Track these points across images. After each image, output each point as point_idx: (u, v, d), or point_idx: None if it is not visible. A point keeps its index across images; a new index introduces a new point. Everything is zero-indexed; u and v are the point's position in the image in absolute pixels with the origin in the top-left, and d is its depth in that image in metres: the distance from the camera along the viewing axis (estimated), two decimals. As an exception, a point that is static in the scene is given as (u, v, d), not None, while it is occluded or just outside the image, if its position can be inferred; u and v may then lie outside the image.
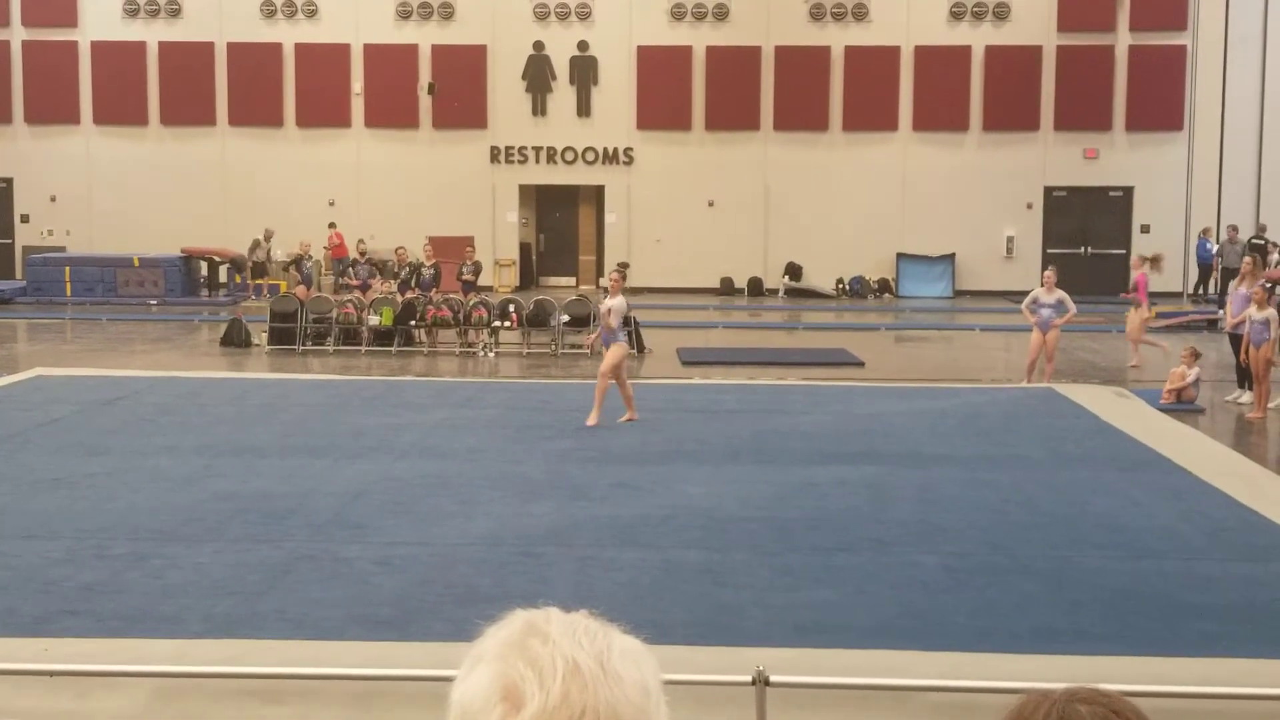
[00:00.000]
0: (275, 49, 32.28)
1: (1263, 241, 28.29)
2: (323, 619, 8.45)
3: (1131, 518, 11.16)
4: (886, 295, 32.06)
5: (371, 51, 32.21)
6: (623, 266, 16.19)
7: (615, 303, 15.15)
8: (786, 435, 14.50)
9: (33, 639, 7.97)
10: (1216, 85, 31.48)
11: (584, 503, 11.51)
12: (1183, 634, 8.34)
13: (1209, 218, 31.17)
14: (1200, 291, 30.73)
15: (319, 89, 32.14)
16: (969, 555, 10.04)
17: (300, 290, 24.73)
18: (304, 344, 22.24)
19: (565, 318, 22.41)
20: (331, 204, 31.91)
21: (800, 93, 31.93)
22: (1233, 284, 18.59)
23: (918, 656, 7.77)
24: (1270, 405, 16.84)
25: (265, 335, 22.35)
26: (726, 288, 32.18)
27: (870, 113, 31.95)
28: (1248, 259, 18.58)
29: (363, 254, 26.50)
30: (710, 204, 32.30)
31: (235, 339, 22.32)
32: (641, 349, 21.94)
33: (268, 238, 29.92)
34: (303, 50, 32.26)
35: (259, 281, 29.57)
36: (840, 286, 32.21)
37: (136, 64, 32.38)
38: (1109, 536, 10.58)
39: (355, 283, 25.43)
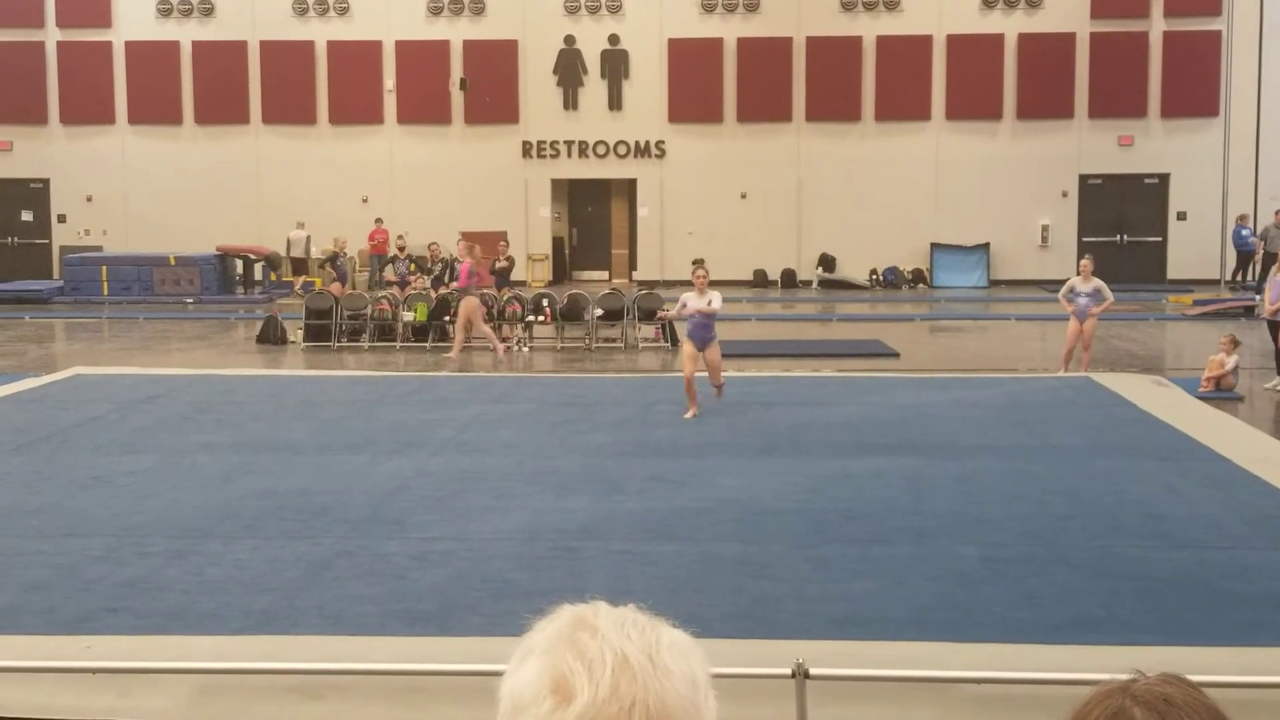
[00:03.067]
0: (308, 47, 32.41)
1: None
2: (361, 615, 8.48)
3: (1171, 507, 11.08)
4: (921, 286, 31.94)
5: (403, 48, 32.30)
6: (699, 262, 15.89)
7: (712, 295, 14.90)
8: (822, 427, 14.47)
9: (74, 637, 8.03)
10: (1252, 71, 31.22)
11: (620, 496, 11.51)
12: (1224, 623, 8.28)
13: (1245, 204, 30.94)
14: (1238, 278, 30.49)
15: (351, 86, 32.25)
16: (1007, 546, 9.99)
17: (335, 287, 24.82)
18: (339, 340, 22.33)
19: (599, 311, 22.42)
20: (365, 201, 32.03)
21: (832, 83, 31.84)
22: (1273, 269, 18.42)
23: (956, 648, 7.74)
24: (1310, 392, 16.70)
25: (300, 332, 22.45)
26: (760, 280, 32.13)
27: (903, 102, 31.83)
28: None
29: (401, 250, 26.56)
30: (743, 196, 32.25)
31: (271, 336, 22.43)
32: (675, 342, 21.92)
33: (299, 227, 29.99)
34: (335, 48, 32.38)
35: (299, 278, 29.65)
36: (874, 277, 32.12)
37: (170, 64, 32.57)
38: (1149, 526, 10.51)
39: (395, 279, 25.51)
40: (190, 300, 28.85)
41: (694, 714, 1.35)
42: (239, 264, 30.72)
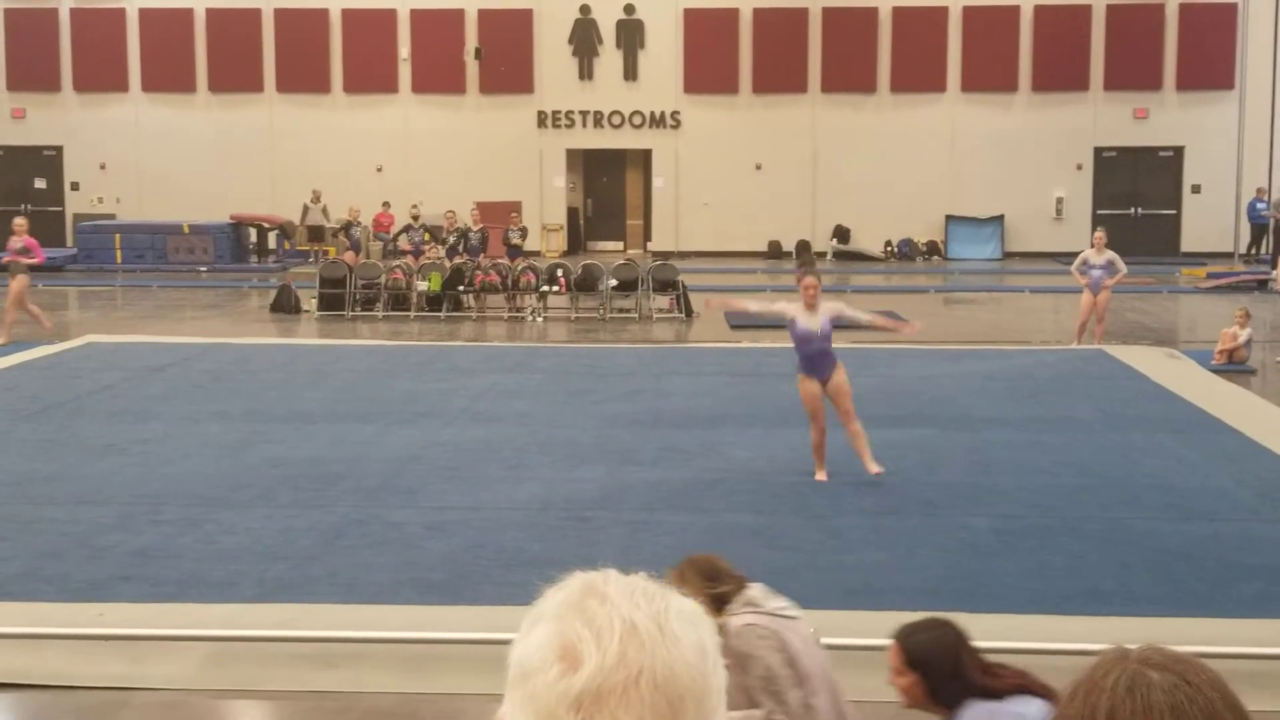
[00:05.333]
0: (322, 15, 32.33)
1: None
2: (374, 583, 8.52)
3: (1183, 479, 11.08)
4: (935, 257, 31.85)
5: (418, 17, 32.21)
6: (806, 264, 10.90)
7: (827, 310, 11.09)
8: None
9: (87, 604, 8.08)
10: (1268, 43, 31.00)
11: (633, 467, 11.54)
12: (1235, 595, 8.29)
13: (1260, 177, 30.77)
14: (1253, 252, 30.36)
15: (366, 55, 32.18)
16: (1019, 517, 10.00)
17: (349, 256, 24.82)
18: (353, 310, 22.35)
19: (613, 282, 22.40)
20: (379, 170, 31.99)
21: (848, 54, 31.70)
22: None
23: (968, 618, 7.68)
24: (1325, 366, 16.65)
25: (314, 301, 22.48)
26: (774, 251, 32.07)
27: (918, 74, 31.68)
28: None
29: (415, 219, 26.55)
30: (758, 167, 32.17)
31: (285, 305, 22.46)
32: (690, 313, 21.92)
33: (315, 199, 29.99)
34: (349, 16, 32.30)
35: (314, 246, 29.61)
36: (889, 249, 32.04)
37: (184, 31, 32.52)
38: (1160, 498, 10.51)
39: (409, 248, 25.51)
40: (204, 269, 28.88)
41: (702, 682, 1.36)
42: (253, 232, 30.73)
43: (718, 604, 4.82)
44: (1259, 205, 29.99)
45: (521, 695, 1.35)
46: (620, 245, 33.21)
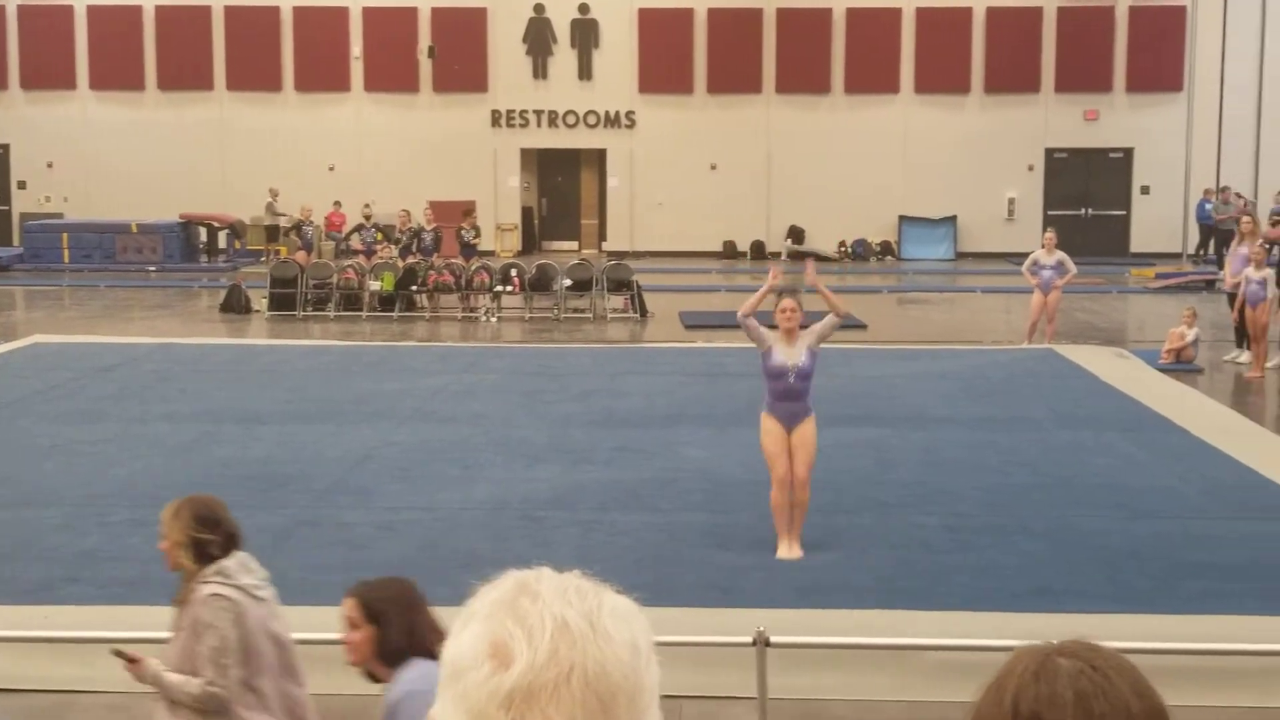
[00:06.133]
0: (273, 12, 32.14)
1: None
2: (323, 584, 8.45)
3: (1131, 477, 11.18)
4: (889, 257, 32.01)
5: (370, 14, 32.07)
6: (789, 295, 9.39)
7: (806, 340, 9.15)
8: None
9: (34, 606, 8.00)
10: (1216, 46, 31.33)
11: (587, 467, 11.53)
12: (1181, 592, 8.37)
13: (1208, 178, 31.08)
14: (1200, 252, 30.66)
15: (318, 53, 32.01)
16: (970, 516, 10.07)
17: (301, 255, 24.69)
18: (305, 310, 22.22)
19: (568, 282, 22.38)
20: (332, 169, 31.83)
21: (802, 55, 31.80)
22: (1232, 243, 18.55)
23: (918, 616, 7.80)
24: (1268, 364, 16.84)
25: (265, 301, 22.33)
26: (729, 251, 32.13)
27: (872, 75, 31.82)
28: (1246, 219, 18.54)
29: (368, 218, 26.42)
30: (713, 167, 32.22)
31: (235, 305, 22.30)
32: (644, 313, 21.93)
33: (274, 196, 29.76)
34: (300, 13, 32.12)
35: (270, 246, 29.34)
36: (843, 249, 32.16)
37: (133, 28, 32.25)
38: (1109, 496, 10.60)
39: (361, 248, 25.40)
40: (153, 268, 28.64)
41: (634, 679, 1.36)
42: (203, 232, 30.50)
43: (198, 550, 4.80)
44: (1207, 206, 30.28)
45: (453, 694, 1.35)
46: (575, 245, 33.18)
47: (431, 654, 4.27)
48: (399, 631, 4.32)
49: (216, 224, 30.55)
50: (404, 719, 4.22)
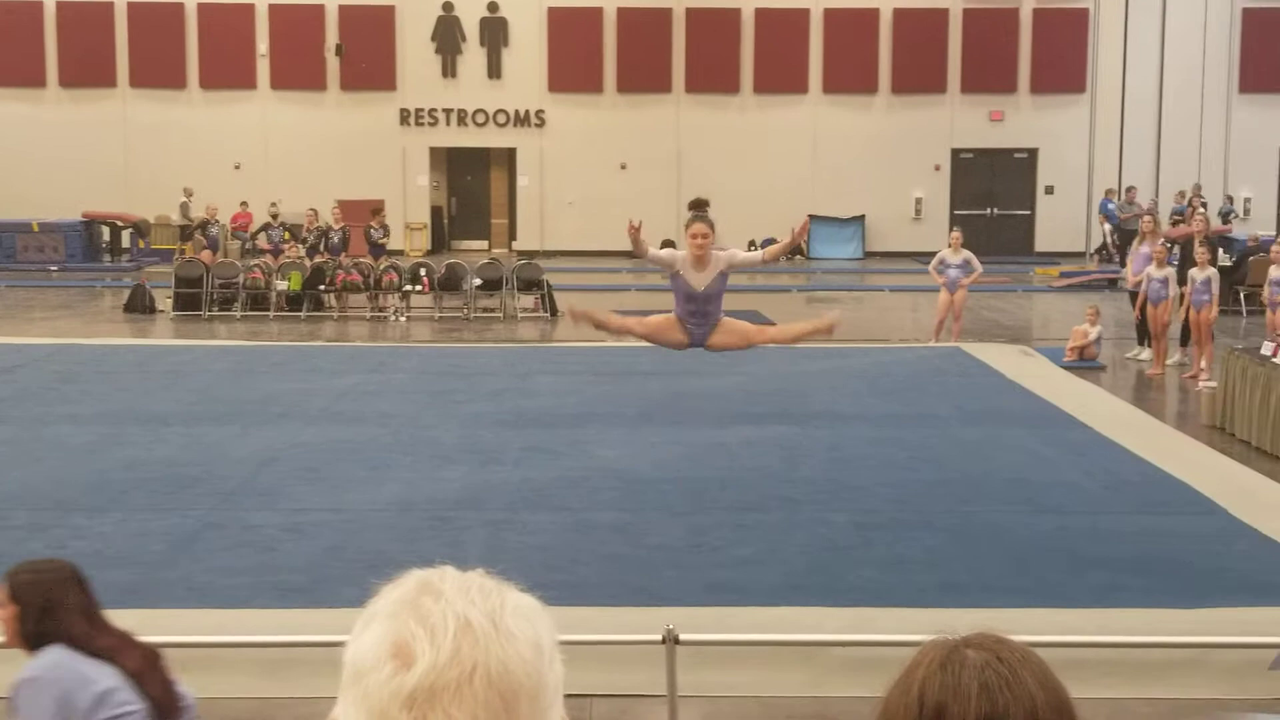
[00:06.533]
0: (177, 9, 31.67)
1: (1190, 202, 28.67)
2: (229, 587, 8.37)
3: (1035, 473, 11.35)
4: (798, 257, 32.18)
5: (276, 11, 31.71)
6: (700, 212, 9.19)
7: (720, 259, 9.03)
8: (699, 396, 14.55)
9: (-68, 612, 7.81)
10: (1118, 48, 31.90)
11: (497, 466, 11.49)
12: (1083, 585, 8.51)
13: (1111, 178, 31.63)
14: (1103, 251, 31.20)
15: (222, 50, 31.59)
16: (877, 512, 10.16)
17: (206, 255, 24.35)
18: (210, 310, 21.93)
19: (478, 281, 22.29)
20: (237, 168, 31.44)
21: (711, 55, 31.91)
22: (1134, 242, 18.90)
23: (826, 612, 7.86)
24: (1169, 362, 17.18)
25: (170, 301, 22.01)
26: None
27: (781, 75, 32.01)
28: (1146, 218, 18.90)
29: (275, 217, 26.12)
30: (623, 166, 32.24)
31: (139, 305, 21.95)
32: (554, 312, 21.90)
33: (189, 196, 29.28)
34: (205, 10, 31.69)
35: (182, 245, 28.74)
36: (752, 248, 32.24)
37: (33, 24, 31.62)
38: (1013, 491, 10.75)
39: (268, 247, 25.11)
40: (54, 268, 28.11)
41: (537, 678, 1.35)
42: (106, 231, 29.98)
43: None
44: (1109, 206, 30.81)
45: (355, 695, 1.34)
46: (485, 244, 33.05)
47: (73, 641, 4.26)
48: (36, 613, 4.28)
49: (120, 223, 30.05)
50: (19, 704, 4.22)
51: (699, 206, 9.27)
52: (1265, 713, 7.19)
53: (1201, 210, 23.85)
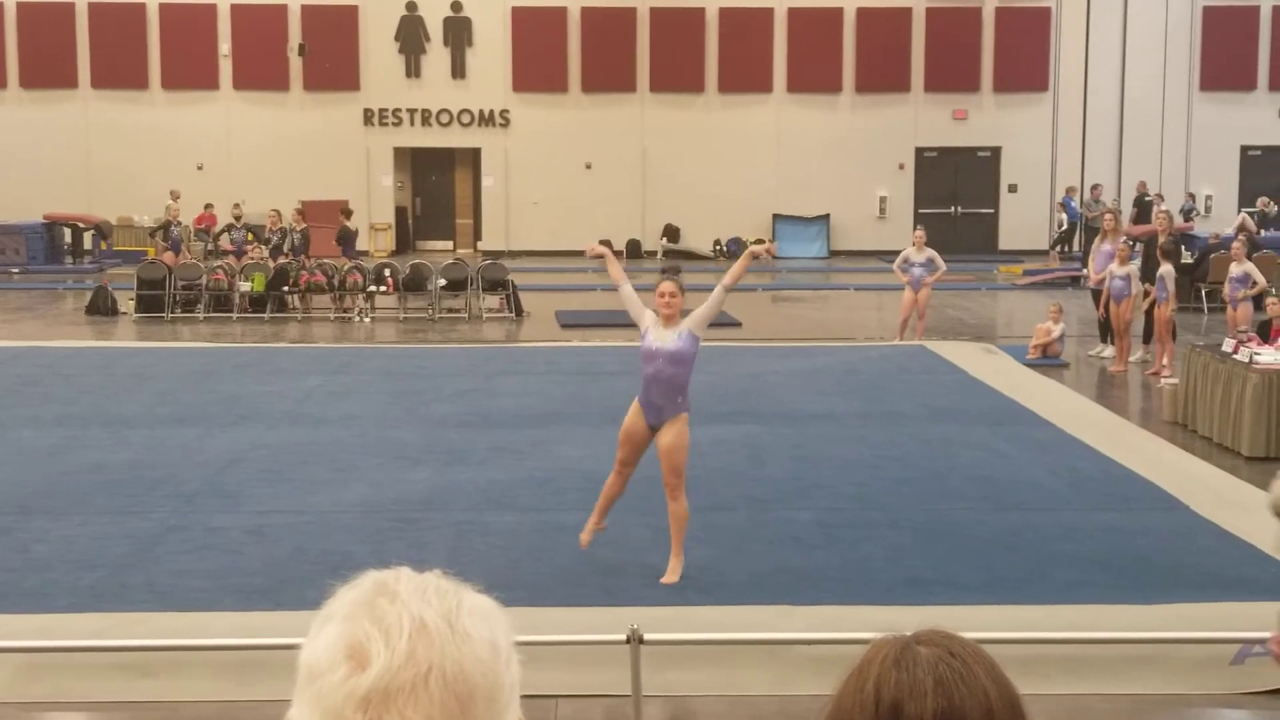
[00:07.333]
0: (138, 9, 31.48)
1: (1150, 198, 28.86)
2: (193, 590, 8.33)
3: (999, 470, 11.40)
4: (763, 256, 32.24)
5: (239, 11, 31.56)
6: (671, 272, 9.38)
7: (683, 327, 8.50)
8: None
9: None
10: (1080, 47, 32.09)
11: (462, 467, 11.47)
12: (1048, 582, 8.56)
13: (1073, 176, 31.82)
14: (1065, 249, 31.37)
15: (185, 51, 31.41)
16: (843, 510, 10.19)
17: (168, 256, 24.22)
18: (173, 312, 21.80)
19: (442, 282, 22.24)
20: (200, 169, 31.26)
21: (676, 55, 31.94)
22: (1096, 240, 19.01)
23: (791, 610, 7.88)
24: (1131, 359, 17.29)
25: (132, 303, 21.87)
26: (604, 250, 32.13)
27: (745, 75, 32.07)
28: (1108, 216, 19.01)
29: (238, 218, 25.98)
30: (588, 166, 32.22)
31: (101, 307, 21.81)
32: (520, 313, 21.87)
33: (175, 199, 29.01)
34: (167, 10, 31.50)
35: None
36: (718, 248, 32.36)
37: (-7, 25, 31.37)
38: (978, 489, 10.80)
39: (231, 248, 24.98)
40: (15, 270, 27.88)
41: (493, 679, 1.35)
42: (68, 233, 29.76)
43: None
44: (1071, 203, 30.99)
45: (309, 697, 1.34)
46: (450, 245, 32.98)
47: None
48: None
49: (82, 224, 29.83)
50: None
51: (671, 270, 9.00)
52: (1226, 708, 7.25)
53: (1164, 209, 24.01)
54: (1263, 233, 26.10)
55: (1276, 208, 29.09)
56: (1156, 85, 32.12)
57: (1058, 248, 30.84)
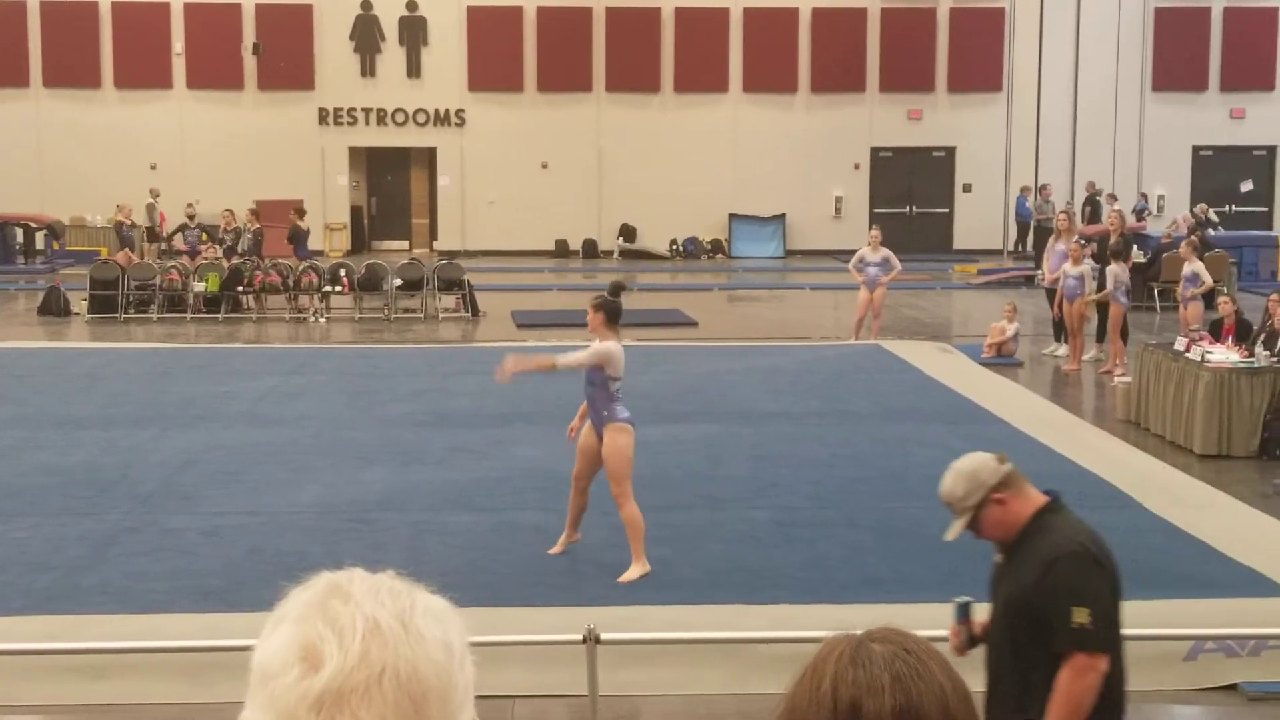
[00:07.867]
0: (91, 8, 31.21)
1: (1100, 197, 29.08)
2: (148, 592, 8.28)
3: (955, 469, 11.45)
4: (719, 256, 32.33)
5: (192, 10, 31.33)
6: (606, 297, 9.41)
7: (603, 346, 9.03)
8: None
9: None
10: (1033, 47, 32.29)
11: (418, 467, 11.44)
12: (1002, 580, 8.60)
13: (1027, 176, 32.03)
14: (1019, 248, 31.59)
15: (138, 49, 31.17)
16: (799, 509, 10.23)
17: (121, 256, 24.03)
18: (126, 312, 21.63)
19: (398, 282, 22.17)
20: (153, 168, 31.02)
21: (632, 54, 31.94)
22: (1050, 239, 19.15)
23: (748, 610, 7.90)
24: (1085, 357, 17.43)
25: (85, 303, 21.69)
26: (561, 250, 32.14)
27: (701, 74, 32.11)
28: (1062, 216, 19.15)
29: (191, 218, 25.80)
30: (544, 166, 32.18)
31: (53, 308, 21.61)
32: (476, 312, 21.83)
33: (155, 197, 28.75)
34: (119, 9, 31.24)
35: (151, 246, 28.13)
36: (674, 248, 32.40)
37: (-58, 22, 31.03)
38: (933, 487, 10.73)
39: (184, 248, 24.80)
40: (-33, 270, 27.59)
41: (447, 679, 1.36)
42: (19, 233, 29.47)
43: None
44: (1025, 203, 31.20)
45: (262, 698, 1.34)
46: (406, 244, 32.87)
47: None
48: None
49: (34, 224, 29.54)
50: None
51: (614, 290, 9.38)
52: (1179, 704, 7.33)
53: (1116, 208, 24.21)
54: (1212, 232, 26.36)
55: (1216, 216, 29.37)
56: (1109, 85, 32.38)
57: (1019, 246, 31.08)
